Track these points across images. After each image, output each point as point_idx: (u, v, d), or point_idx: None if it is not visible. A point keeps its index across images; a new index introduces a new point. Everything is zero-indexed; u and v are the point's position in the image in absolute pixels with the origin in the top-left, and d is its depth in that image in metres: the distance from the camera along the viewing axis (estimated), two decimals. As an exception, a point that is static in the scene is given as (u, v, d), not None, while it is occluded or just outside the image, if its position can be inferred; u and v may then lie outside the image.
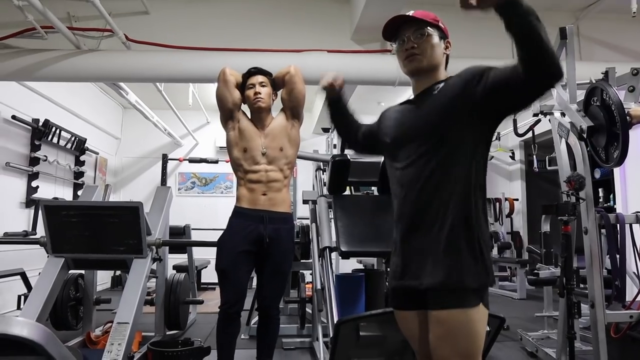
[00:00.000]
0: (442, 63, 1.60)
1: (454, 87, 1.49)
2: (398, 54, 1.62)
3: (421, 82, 1.59)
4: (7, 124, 4.78)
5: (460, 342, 1.40)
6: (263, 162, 2.61)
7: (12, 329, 1.78)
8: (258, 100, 2.66)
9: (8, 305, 4.62)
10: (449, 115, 1.47)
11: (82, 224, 3.10)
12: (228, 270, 2.58)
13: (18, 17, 3.45)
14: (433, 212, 1.46)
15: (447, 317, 1.40)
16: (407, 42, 1.55)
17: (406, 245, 1.52)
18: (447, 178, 1.46)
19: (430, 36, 1.54)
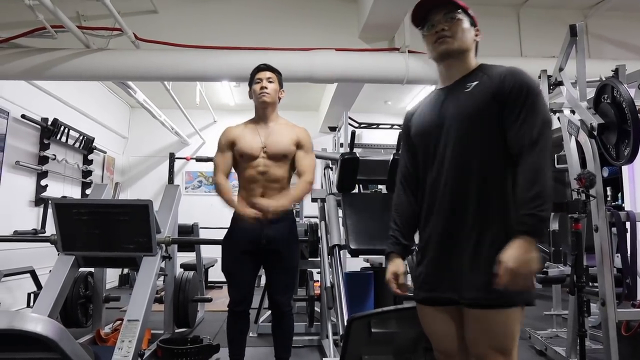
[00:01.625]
0: (472, 49, 1.56)
1: (486, 92, 1.45)
2: (426, 38, 1.57)
3: (451, 68, 1.55)
4: (17, 123, 4.81)
5: (498, 339, 1.40)
6: (262, 156, 2.58)
7: (26, 324, 1.79)
8: (263, 95, 2.65)
9: (18, 303, 4.65)
10: (479, 120, 1.45)
11: (92, 222, 3.11)
12: (232, 271, 2.60)
13: (28, 17, 3.46)
14: (471, 220, 1.44)
15: (485, 315, 1.40)
16: (437, 25, 1.51)
17: (439, 255, 1.49)
18: (485, 186, 1.43)
19: (460, 20, 1.51)
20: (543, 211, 1.29)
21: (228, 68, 3.91)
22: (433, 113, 1.57)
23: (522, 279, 1.28)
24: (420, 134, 1.59)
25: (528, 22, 4.45)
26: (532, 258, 1.28)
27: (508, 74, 1.44)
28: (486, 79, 1.47)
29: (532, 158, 1.34)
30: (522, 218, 1.31)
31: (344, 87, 5.21)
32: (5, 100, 4.59)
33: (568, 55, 3.08)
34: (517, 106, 1.40)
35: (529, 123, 1.37)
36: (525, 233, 1.29)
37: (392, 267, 1.61)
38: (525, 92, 1.40)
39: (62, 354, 1.92)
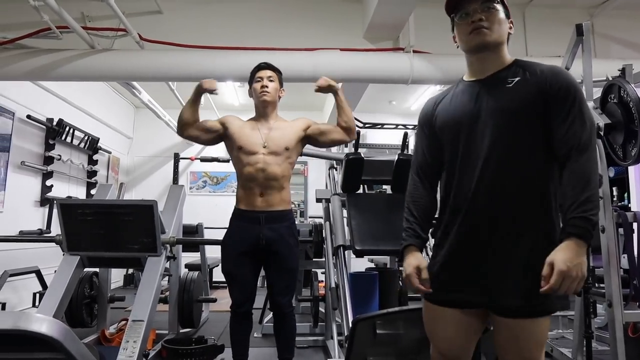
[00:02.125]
0: (506, 42, 1.48)
1: (530, 90, 1.40)
2: (459, 28, 1.49)
3: (485, 61, 1.48)
4: (23, 124, 4.82)
5: (527, 349, 1.38)
6: (262, 152, 2.57)
7: (31, 325, 1.79)
8: (264, 94, 2.66)
9: (24, 303, 4.67)
10: (523, 117, 1.40)
11: (97, 222, 3.12)
12: (232, 272, 2.60)
13: (34, 18, 3.47)
14: (509, 221, 1.38)
15: (517, 325, 1.37)
16: (474, 14, 1.43)
17: (468, 256, 1.43)
18: (525, 186, 1.39)
19: (497, 10, 1.44)
20: (594, 215, 1.26)
21: (232, 68, 3.91)
22: (467, 105, 1.48)
23: (573, 283, 1.23)
24: (451, 126, 1.51)
25: (533, 22, 4.43)
26: (583, 262, 1.24)
27: (554, 73, 1.39)
28: (529, 76, 1.41)
29: (583, 161, 1.30)
30: (574, 221, 1.26)
31: (348, 87, 5.19)
32: (11, 101, 4.61)
33: (574, 55, 3.06)
34: (565, 107, 1.35)
35: (578, 125, 1.34)
36: (576, 236, 1.25)
37: (414, 261, 1.50)
38: (574, 93, 1.37)
39: (67, 354, 1.92)
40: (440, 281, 1.48)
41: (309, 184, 8.13)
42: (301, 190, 8.13)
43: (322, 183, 7.11)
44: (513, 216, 1.38)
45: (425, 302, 1.55)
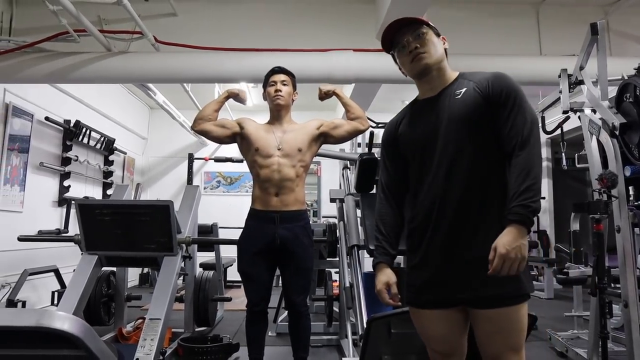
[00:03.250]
0: (445, 58, 1.61)
1: (476, 98, 1.51)
2: (401, 59, 1.62)
3: (432, 80, 1.60)
4: (41, 125, 4.91)
5: (512, 337, 1.46)
6: (277, 154, 2.62)
7: (54, 322, 1.83)
8: (278, 98, 2.72)
9: (43, 301, 4.76)
10: (473, 124, 1.50)
11: (115, 222, 3.17)
12: (248, 271, 2.63)
13: (52, 22, 3.54)
14: (475, 220, 1.47)
15: (498, 315, 1.44)
16: (409, 45, 1.57)
17: (444, 257, 1.50)
18: (486, 186, 1.49)
19: (428, 34, 1.57)
20: (534, 202, 1.36)
21: (246, 69, 3.94)
22: (426, 121, 1.59)
23: (514, 263, 1.33)
24: (415, 142, 1.61)
25: (547, 21, 4.40)
26: (522, 245, 1.34)
27: (495, 79, 1.52)
28: (473, 85, 1.54)
29: (524, 154, 1.41)
30: (514, 209, 1.36)
31: (361, 88, 5.21)
32: (30, 103, 4.70)
33: (589, 53, 3.05)
34: (506, 108, 1.47)
35: (519, 123, 1.45)
36: (516, 222, 1.35)
37: (383, 277, 1.61)
38: (514, 94, 1.48)
39: (88, 352, 1.96)
40: (417, 285, 1.57)
41: (322, 184, 8.15)
42: (314, 190, 8.15)
43: (335, 183, 7.13)
44: (477, 214, 1.48)
45: (410, 307, 1.62)
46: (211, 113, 2.76)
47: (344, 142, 3.24)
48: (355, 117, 2.78)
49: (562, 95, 3.18)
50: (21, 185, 4.57)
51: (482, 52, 4.01)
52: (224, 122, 2.78)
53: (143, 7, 3.78)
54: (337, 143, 2.99)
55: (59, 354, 1.99)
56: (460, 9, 4.23)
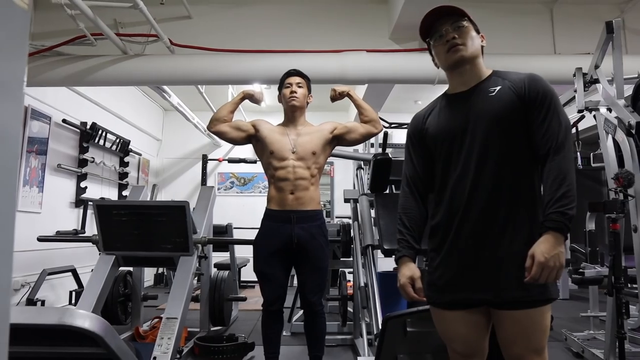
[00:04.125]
0: (481, 55, 1.59)
1: (512, 97, 1.49)
2: (437, 49, 1.59)
3: (465, 74, 1.57)
4: (59, 128, 4.99)
5: (534, 339, 1.44)
6: (291, 157, 2.66)
7: (75, 321, 1.87)
8: (293, 99, 2.75)
9: (61, 300, 4.83)
10: (506, 123, 1.48)
11: (132, 222, 3.22)
12: (264, 271, 2.65)
13: (70, 26, 3.61)
14: (502, 220, 1.45)
15: (522, 317, 1.43)
16: (447, 34, 1.54)
17: (467, 256, 1.48)
18: (515, 186, 1.47)
19: (468, 27, 1.55)
20: (570, 209, 1.35)
21: (260, 70, 3.98)
22: (456, 116, 1.56)
23: (552, 272, 1.33)
24: (443, 136, 1.58)
25: (561, 19, 4.37)
26: (560, 252, 1.33)
27: (531, 80, 1.50)
28: (508, 84, 1.52)
29: (559, 159, 1.40)
30: (551, 216, 1.35)
31: (374, 88, 5.22)
32: (48, 106, 4.78)
33: (604, 52, 3.03)
34: (542, 110, 1.45)
35: (554, 127, 1.43)
36: (553, 229, 1.34)
37: (407, 272, 1.57)
38: (550, 97, 1.46)
39: (108, 350, 2.00)
40: (439, 285, 1.54)
41: (335, 185, 8.17)
42: (327, 191, 8.17)
43: (347, 183, 7.14)
44: (505, 214, 1.45)
45: (431, 307, 1.60)
46: (227, 114, 2.79)
47: (358, 145, 3.26)
48: (369, 119, 2.80)
49: (577, 94, 3.16)
50: (40, 186, 4.65)
51: (496, 51, 3.99)
52: (240, 123, 2.81)
53: (158, 10, 3.83)
54: (351, 146, 3.01)
55: (80, 351, 2.03)
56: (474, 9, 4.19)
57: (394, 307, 3.29)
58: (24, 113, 4.38)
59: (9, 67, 0.67)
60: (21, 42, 0.69)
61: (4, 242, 0.65)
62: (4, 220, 0.65)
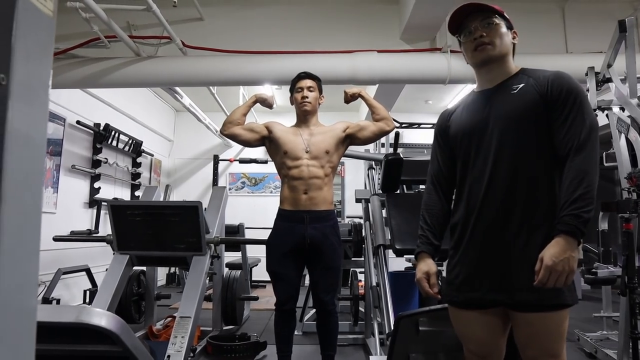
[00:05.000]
0: (511, 52, 1.57)
1: (533, 95, 1.46)
2: (465, 45, 1.59)
3: (491, 73, 1.56)
4: (73, 129, 5.06)
5: (548, 342, 1.41)
6: (305, 157, 2.68)
7: (92, 319, 1.90)
8: (305, 105, 2.78)
9: (75, 299, 4.89)
10: (526, 122, 1.46)
11: (146, 222, 3.26)
12: (277, 271, 2.67)
13: (84, 28, 3.66)
14: (519, 220, 1.43)
15: (536, 320, 1.40)
16: (475, 31, 1.53)
17: (482, 256, 1.48)
18: (533, 186, 1.44)
19: (498, 25, 1.53)
20: (586, 212, 1.30)
21: (271, 72, 4.00)
22: (477, 113, 1.56)
23: (560, 276, 1.29)
24: (462, 134, 1.59)
25: (573, 18, 4.35)
26: (570, 257, 1.29)
27: (555, 78, 1.46)
28: (532, 82, 1.48)
29: (579, 160, 1.35)
30: (564, 218, 1.32)
31: (385, 88, 5.22)
32: (62, 108, 4.84)
33: (617, 51, 3.01)
34: (565, 109, 1.41)
35: (577, 126, 1.39)
36: (565, 233, 1.31)
37: (424, 267, 1.59)
38: (574, 95, 1.42)
39: (124, 348, 2.03)
40: (456, 283, 1.54)
41: (346, 185, 8.18)
42: (338, 191, 8.19)
43: (358, 183, 7.16)
44: (521, 216, 1.43)
45: (449, 306, 1.60)
46: (240, 117, 2.82)
47: (370, 143, 3.28)
48: (381, 118, 2.81)
49: (590, 93, 3.15)
50: (54, 187, 4.71)
51: (507, 50, 3.99)
52: (253, 126, 2.84)
53: (171, 12, 3.87)
54: (364, 144, 3.03)
55: (96, 349, 2.07)
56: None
57: (405, 307, 3.30)
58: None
59: (35, 72, 0.69)
60: (47, 48, 0.72)
61: (31, 242, 0.67)
62: (31, 220, 0.68)
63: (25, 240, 0.66)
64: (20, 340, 0.65)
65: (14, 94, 0.63)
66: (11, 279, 0.62)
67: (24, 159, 0.66)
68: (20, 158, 0.64)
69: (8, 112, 0.62)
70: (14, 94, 0.62)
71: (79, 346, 2.09)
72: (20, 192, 0.64)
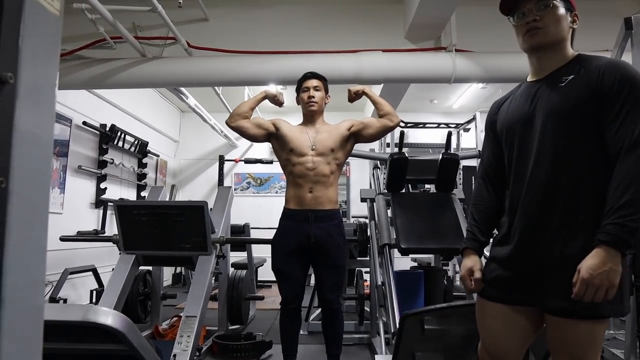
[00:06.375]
0: (568, 38, 1.44)
1: (581, 89, 1.34)
2: (516, 29, 1.47)
3: (544, 60, 1.45)
4: (79, 130, 5.09)
5: (578, 350, 1.33)
6: (311, 153, 2.68)
7: (99, 317, 1.91)
8: (311, 105, 2.79)
9: (82, 299, 4.92)
10: (571, 118, 1.35)
11: (151, 222, 3.27)
12: (282, 270, 2.67)
13: (90, 30, 3.68)
14: (559, 221, 1.35)
15: (567, 326, 1.32)
16: (529, 14, 1.41)
17: (520, 255, 1.43)
18: (577, 187, 1.34)
19: (555, 8, 1.40)
20: (633, 221, 1.19)
21: (276, 71, 4.00)
22: (523, 107, 1.47)
23: (599, 290, 1.20)
24: (507, 129, 1.51)
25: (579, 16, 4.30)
26: (611, 270, 1.19)
27: (607, 67, 1.32)
28: (583, 73, 1.36)
29: (630, 162, 1.23)
30: (607, 227, 1.21)
31: (390, 87, 5.22)
32: (69, 109, 4.87)
33: (623, 49, 2.99)
34: (617, 103, 1.28)
35: (630, 122, 1.25)
36: (606, 243, 1.20)
37: (468, 263, 1.53)
38: (628, 88, 1.28)
39: (130, 347, 2.04)
40: (489, 278, 1.50)
41: (351, 184, 8.18)
42: (343, 191, 8.19)
43: (364, 183, 7.15)
44: (562, 217, 1.34)
45: (477, 297, 1.56)
46: (247, 110, 2.82)
47: (376, 140, 3.28)
48: (385, 113, 2.80)
49: (596, 91, 3.13)
50: (61, 187, 4.74)
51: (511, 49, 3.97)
52: (260, 121, 2.84)
53: (176, 13, 3.88)
54: (370, 142, 3.02)
55: (103, 348, 2.08)
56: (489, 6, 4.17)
57: (411, 306, 3.29)
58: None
59: (42, 72, 0.70)
60: (53, 47, 0.72)
61: (39, 240, 0.68)
62: (39, 219, 0.68)
63: (32, 239, 0.67)
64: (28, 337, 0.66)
65: (22, 92, 0.63)
66: (19, 277, 0.63)
67: (32, 157, 0.66)
68: (28, 156, 0.65)
69: (16, 110, 0.62)
70: (21, 92, 0.63)
71: (86, 345, 2.10)
72: (27, 191, 0.65)
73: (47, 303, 4.06)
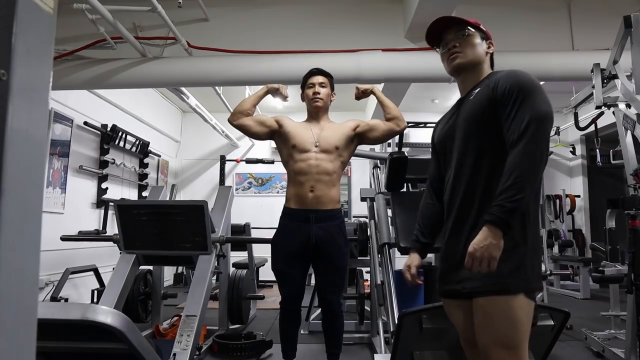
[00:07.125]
0: (485, 61, 1.67)
1: (482, 99, 1.54)
2: (442, 57, 1.71)
3: (466, 81, 1.67)
4: (80, 130, 5.10)
5: (500, 330, 1.43)
6: (314, 150, 2.63)
7: (98, 316, 1.92)
8: (316, 101, 2.74)
9: (83, 299, 4.93)
10: (477, 124, 1.55)
11: (152, 222, 3.27)
12: (282, 270, 2.64)
13: (90, 30, 3.69)
14: (473, 216, 1.53)
15: (486, 304, 1.45)
16: (450, 43, 1.65)
17: (447, 249, 1.62)
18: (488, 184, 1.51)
19: (470, 36, 1.64)
20: (510, 202, 1.35)
21: (277, 71, 4.01)
22: (448, 122, 1.71)
23: (482, 262, 1.37)
24: (440, 141, 1.75)
25: (579, 14, 4.32)
26: (490, 244, 1.36)
27: (503, 77, 1.52)
28: (485, 84, 1.57)
29: (513, 153, 1.40)
30: (491, 209, 1.39)
31: (390, 87, 5.21)
32: (70, 109, 4.89)
33: (623, 47, 3.00)
34: (508, 105, 1.46)
35: (517, 120, 1.43)
36: (488, 222, 1.38)
37: (408, 260, 1.80)
38: (516, 92, 1.46)
39: (130, 345, 2.04)
40: (437, 276, 1.70)
41: (352, 184, 8.19)
42: (344, 191, 8.19)
43: (364, 183, 7.15)
44: (476, 214, 1.52)
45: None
46: (250, 107, 2.77)
47: (380, 143, 3.26)
48: (392, 117, 2.75)
49: (595, 90, 3.14)
50: (62, 187, 4.75)
51: (513, 48, 3.97)
52: (263, 119, 2.78)
53: (176, 13, 3.89)
54: (374, 144, 3.00)
55: (102, 346, 2.09)
56: (490, 5, 4.19)
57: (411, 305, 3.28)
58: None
59: (35, 70, 0.70)
60: (47, 46, 0.73)
61: (32, 240, 0.68)
62: (32, 217, 0.69)
63: (26, 237, 0.67)
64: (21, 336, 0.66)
65: (15, 90, 0.63)
66: (12, 277, 0.63)
67: (25, 156, 0.67)
68: (21, 154, 0.65)
69: (9, 107, 0.62)
70: (14, 90, 0.63)
71: (85, 343, 2.11)
72: (20, 189, 0.65)
73: (48, 302, 4.08)
